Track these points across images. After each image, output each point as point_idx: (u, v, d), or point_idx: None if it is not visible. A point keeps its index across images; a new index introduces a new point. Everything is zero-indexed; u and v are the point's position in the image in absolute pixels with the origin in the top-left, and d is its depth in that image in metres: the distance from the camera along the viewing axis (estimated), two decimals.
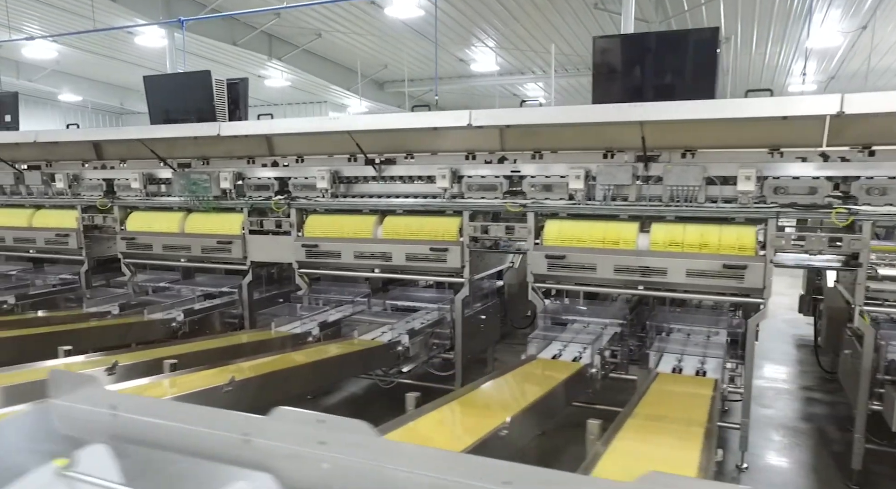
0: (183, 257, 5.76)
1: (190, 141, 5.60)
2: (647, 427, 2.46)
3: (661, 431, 2.42)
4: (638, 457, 2.13)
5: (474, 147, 4.71)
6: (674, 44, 4.01)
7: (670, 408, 2.79)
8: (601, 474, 1.84)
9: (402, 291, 5.57)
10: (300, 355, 3.70)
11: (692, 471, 1.97)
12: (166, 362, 3.00)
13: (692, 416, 2.61)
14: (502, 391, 3.04)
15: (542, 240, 4.47)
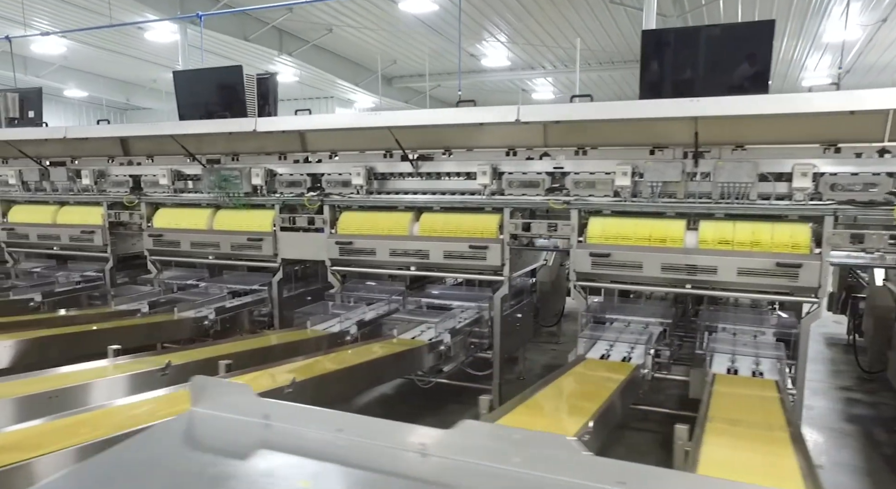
0: (211, 254, 5.68)
1: (220, 136, 5.51)
2: (730, 431, 2.39)
3: (746, 436, 2.35)
4: (735, 464, 2.05)
5: (516, 143, 4.63)
6: (728, 37, 3.92)
7: (744, 411, 2.71)
8: None
9: (438, 289, 5.48)
10: (348, 355, 3.62)
11: (796, 477, 1.89)
12: (221, 363, 2.93)
13: (771, 420, 2.54)
14: (568, 394, 2.97)
15: (586, 237, 4.39)
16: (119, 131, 5.76)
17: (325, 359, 3.42)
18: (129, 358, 3.25)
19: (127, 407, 2.44)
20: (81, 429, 2.14)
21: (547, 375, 3.29)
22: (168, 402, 2.50)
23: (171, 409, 2.39)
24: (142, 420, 2.23)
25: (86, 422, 2.22)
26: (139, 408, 2.42)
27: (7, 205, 6.64)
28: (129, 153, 6.11)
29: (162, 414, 2.31)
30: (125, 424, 2.19)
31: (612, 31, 15.77)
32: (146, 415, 2.34)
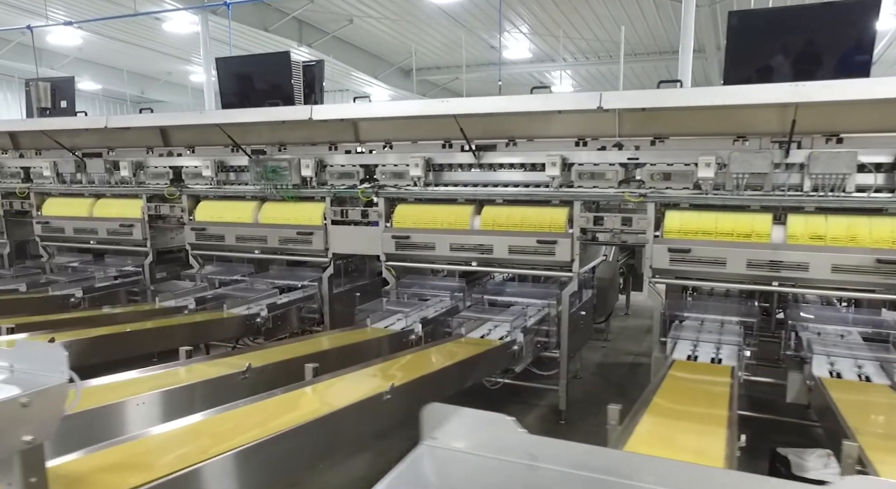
0: (257, 249, 5.48)
1: (266, 126, 5.31)
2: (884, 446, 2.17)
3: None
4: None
5: (586, 132, 4.40)
6: (826, 17, 3.67)
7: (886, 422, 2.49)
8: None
9: (496, 285, 5.27)
10: (432, 357, 3.42)
11: None
12: (308, 366, 2.72)
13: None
14: (686, 400, 2.75)
15: (662, 232, 4.17)
16: (162, 120, 5.55)
17: (411, 362, 3.22)
18: (203, 360, 3.05)
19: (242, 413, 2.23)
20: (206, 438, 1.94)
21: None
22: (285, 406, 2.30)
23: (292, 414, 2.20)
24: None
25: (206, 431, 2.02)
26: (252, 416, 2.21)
27: (41, 197, 6.45)
28: (170, 144, 5.91)
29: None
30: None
31: (638, 21, 15.47)
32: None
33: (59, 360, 1.30)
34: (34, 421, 1.22)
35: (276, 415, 2.18)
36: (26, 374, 1.32)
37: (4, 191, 6.56)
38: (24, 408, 1.20)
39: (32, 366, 1.33)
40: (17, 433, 1.19)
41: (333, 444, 2.22)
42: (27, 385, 1.25)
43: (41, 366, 1.32)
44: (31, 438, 1.22)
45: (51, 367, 1.30)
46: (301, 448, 2.04)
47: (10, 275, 6.14)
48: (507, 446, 1.13)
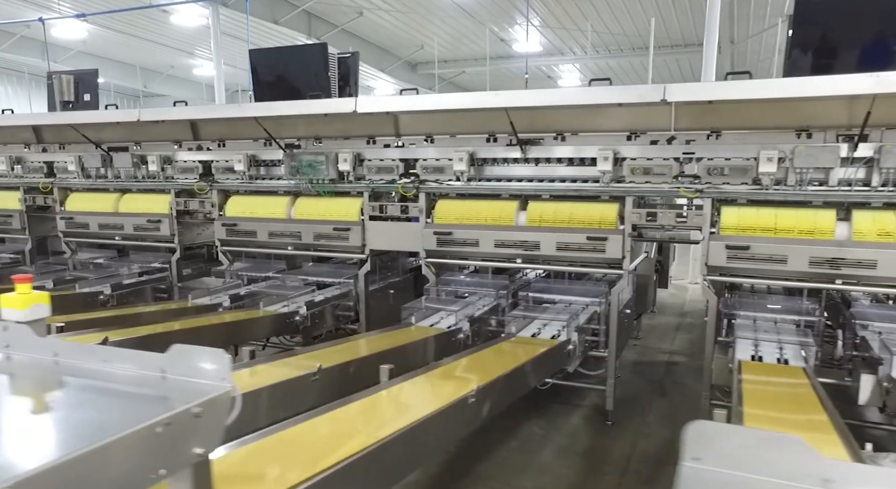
0: (290, 245, 5.36)
1: (301, 119, 5.18)
2: None
3: None
4: None
5: (639, 126, 4.28)
6: None
7: None
8: None
9: (542, 283, 5.15)
10: (492, 357, 3.31)
11: None
12: (383, 368, 2.60)
13: None
14: (778, 406, 2.65)
15: (719, 229, 4.07)
16: (196, 113, 5.40)
17: (477, 362, 3.12)
18: (268, 361, 2.94)
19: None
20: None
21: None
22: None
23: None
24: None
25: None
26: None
27: (64, 193, 6.31)
28: (199, 137, 5.77)
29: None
30: None
31: (651, 14, 15.30)
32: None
33: (220, 367, 1.19)
34: (204, 432, 1.11)
35: (369, 420, 2.07)
36: (181, 382, 1.21)
37: (27, 186, 6.42)
38: (197, 419, 1.09)
39: (186, 372, 1.22)
40: (189, 445, 1.09)
41: (429, 451, 2.11)
42: (188, 393, 1.14)
43: (193, 372, 1.21)
44: (202, 451, 1.11)
45: (208, 374, 1.19)
46: (405, 455, 1.93)
47: (34, 272, 6.00)
48: (796, 470, 1.02)
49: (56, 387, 1.28)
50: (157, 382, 1.23)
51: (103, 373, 1.29)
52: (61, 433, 1.01)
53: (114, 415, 1.09)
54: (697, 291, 9.49)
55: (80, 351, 1.34)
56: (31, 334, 1.39)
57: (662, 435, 4.39)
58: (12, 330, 1.39)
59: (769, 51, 17.78)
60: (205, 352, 1.22)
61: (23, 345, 1.38)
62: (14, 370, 1.36)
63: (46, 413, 1.12)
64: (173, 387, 1.20)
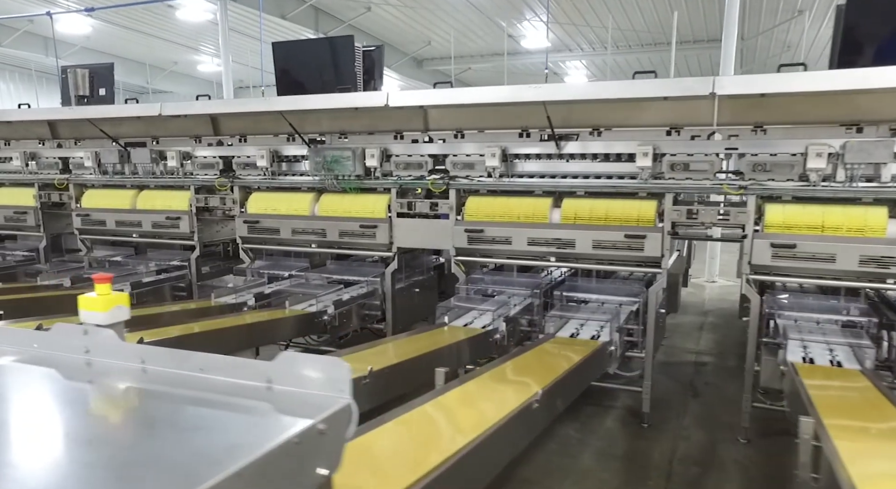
0: (314, 242, 5.25)
1: (327, 114, 5.06)
2: None
3: None
4: None
5: (679, 121, 4.17)
6: None
7: None
8: None
9: (575, 282, 5.04)
10: (541, 358, 3.21)
11: None
12: (439, 371, 2.49)
13: None
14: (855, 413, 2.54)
15: (763, 226, 3.96)
16: (217, 107, 5.28)
17: (526, 364, 3.01)
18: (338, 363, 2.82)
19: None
20: None
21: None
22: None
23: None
24: None
25: None
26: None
27: (80, 189, 6.19)
28: (220, 132, 5.65)
29: None
30: None
31: (663, 9, 15.19)
32: None
33: (338, 377, 1.08)
34: (327, 450, 1.01)
35: (442, 427, 1.96)
36: (290, 393, 1.10)
37: (41, 182, 6.30)
38: (321, 437, 0.99)
39: (295, 382, 1.11)
40: (314, 465, 0.98)
41: (503, 460, 2.00)
42: (304, 407, 1.03)
43: (304, 383, 1.10)
44: (326, 472, 1.01)
45: (321, 385, 1.08)
46: (483, 465, 1.83)
47: (49, 271, 5.88)
48: None
49: (154, 399, 1.16)
50: (263, 394, 1.12)
51: (200, 382, 1.18)
52: (182, 455, 0.90)
53: (231, 433, 0.98)
54: (716, 290, 9.41)
55: (171, 357, 1.23)
56: (115, 339, 1.28)
57: (701, 438, 4.29)
58: (93, 334, 1.27)
59: (779, 46, 17.71)
60: (318, 360, 1.10)
61: (106, 351, 1.27)
62: (100, 379, 1.25)
63: (154, 430, 1.00)
64: (283, 400, 1.09)
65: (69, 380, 1.25)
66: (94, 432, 1.02)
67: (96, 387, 1.23)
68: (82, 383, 1.26)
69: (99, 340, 1.27)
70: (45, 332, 1.35)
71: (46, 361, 1.30)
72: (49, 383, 1.23)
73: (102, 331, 1.29)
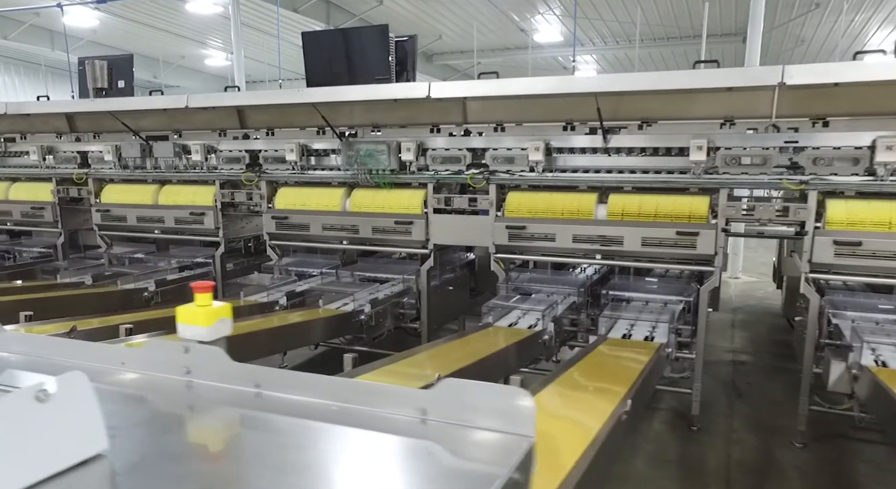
0: (345, 239, 5.08)
1: (360, 106, 4.89)
2: None
3: None
4: None
5: (734, 113, 4.00)
6: None
7: None
8: None
9: (626, 281, 4.87)
10: (607, 362, 3.05)
11: None
12: (514, 378, 2.33)
13: None
14: None
15: (824, 223, 3.79)
16: (246, 99, 5.10)
17: (594, 368, 2.85)
18: (372, 369, 2.66)
19: None
20: None
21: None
22: None
23: None
24: None
25: None
26: None
27: (99, 184, 6.02)
28: (246, 125, 5.47)
29: None
30: None
31: (678, 3, 14.99)
32: None
33: (517, 409, 0.90)
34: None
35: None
36: (452, 428, 0.92)
37: (59, 177, 6.13)
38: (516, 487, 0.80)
39: (458, 415, 0.93)
40: None
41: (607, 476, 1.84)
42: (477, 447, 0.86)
43: (471, 415, 0.91)
44: None
45: (493, 419, 0.89)
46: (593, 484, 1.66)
47: (68, 268, 5.72)
48: None
49: (274, 433, 0.97)
50: (416, 429, 0.94)
51: (329, 412, 1.00)
52: None
53: (400, 484, 0.80)
54: (740, 286, 9.23)
55: (292, 381, 1.06)
56: (223, 357, 1.11)
57: (754, 442, 4.13)
58: (195, 352, 1.10)
59: (792, 41, 17.49)
60: (488, 388, 0.92)
61: (211, 372, 1.10)
62: (208, 407, 1.07)
63: (280, 478, 0.81)
64: (447, 436, 0.90)
65: (167, 407, 1.08)
66: (201, 478, 0.83)
67: (201, 416, 1.06)
68: (182, 410, 1.09)
69: (202, 359, 1.10)
70: (135, 349, 1.18)
71: (137, 384, 1.13)
72: (141, 410, 1.06)
73: (206, 348, 1.12)
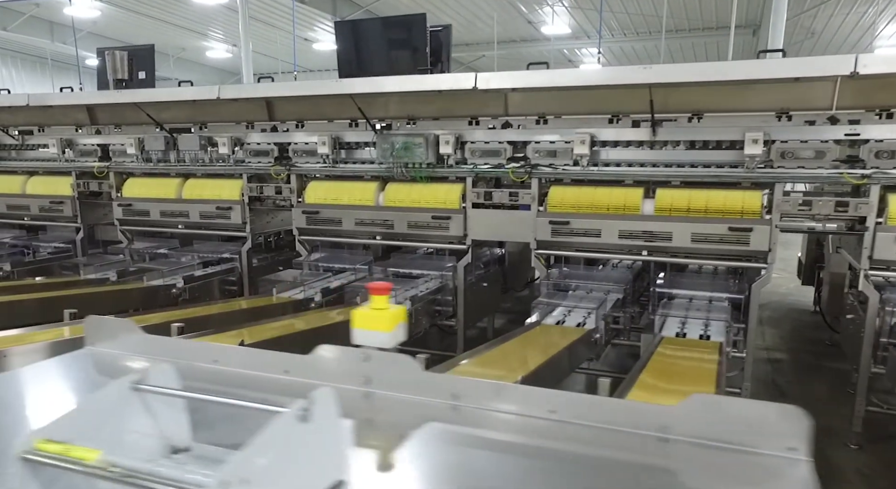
0: (378, 234, 4.95)
1: (395, 97, 4.75)
2: None
3: None
4: None
5: (791, 105, 3.88)
6: None
7: None
8: None
9: (671, 277, 4.76)
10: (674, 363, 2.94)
11: None
12: (602, 381, 2.21)
13: None
14: None
15: (886, 218, 3.69)
16: (281, 90, 4.89)
17: (667, 376, 2.75)
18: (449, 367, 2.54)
19: None
20: None
21: None
22: None
23: None
24: None
25: None
26: None
27: (120, 177, 5.87)
28: (275, 118, 5.33)
29: None
30: None
31: None
32: None
33: (786, 427, 0.78)
34: None
35: None
36: (700, 447, 0.80)
37: (79, 170, 5.97)
38: None
39: (707, 430, 0.81)
40: None
41: None
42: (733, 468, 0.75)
43: (722, 431, 0.80)
44: None
45: (752, 437, 0.78)
46: None
47: (92, 264, 5.57)
48: None
49: (501, 450, 0.86)
50: (655, 448, 0.83)
51: (549, 428, 0.88)
52: None
53: None
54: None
55: (495, 392, 0.94)
56: (413, 366, 0.98)
57: None
58: (377, 361, 0.98)
59: (802, 33, 17.37)
60: (748, 405, 0.81)
61: (397, 382, 0.98)
62: (386, 418, 0.96)
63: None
64: (690, 458, 0.80)
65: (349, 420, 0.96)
66: None
67: (379, 433, 0.94)
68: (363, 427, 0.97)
69: (387, 369, 0.98)
70: (300, 356, 1.06)
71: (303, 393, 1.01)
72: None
73: (393, 356, 1.00)
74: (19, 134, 6.35)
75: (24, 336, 3.07)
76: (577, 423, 0.87)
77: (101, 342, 1.41)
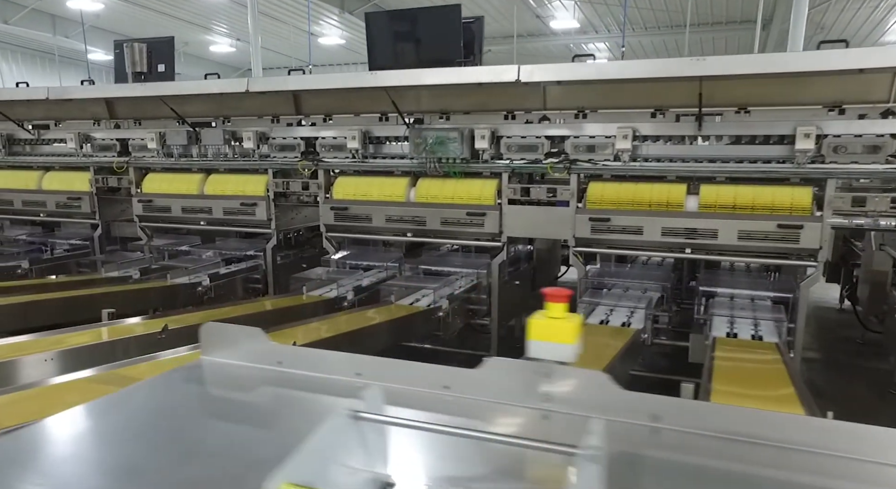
0: (409, 231, 4.84)
1: (426, 91, 4.63)
2: None
3: None
4: None
5: (844, 98, 3.77)
6: None
7: None
8: None
9: (715, 275, 4.66)
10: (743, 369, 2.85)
11: None
12: (686, 385, 2.12)
13: None
14: None
15: None
16: (312, 83, 4.76)
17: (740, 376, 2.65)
18: None
19: None
20: None
21: None
22: None
23: None
24: None
25: None
26: None
27: (139, 173, 5.74)
28: (302, 111, 5.21)
29: None
30: None
31: None
32: None
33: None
34: None
35: None
36: None
37: (97, 165, 5.84)
38: None
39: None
40: None
41: None
42: None
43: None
44: None
45: None
46: None
47: (113, 261, 5.45)
48: None
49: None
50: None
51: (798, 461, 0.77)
52: None
53: None
54: None
55: (697, 411, 0.83)
56: (608, 384, 0.87)
57: None
58: (559, 376, 0.87)
59: (812, 28, 17.26)
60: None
61: (579, 401, 0.87)
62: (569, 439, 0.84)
63: None
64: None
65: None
66: None
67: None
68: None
69: (566, 388, 0.87)
70: (464, 370, 0.94)
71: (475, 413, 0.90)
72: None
73: (577, 373, 0.89)
74: (34, 128, 6.21)
75: (64, 338, 2.96)
76: (818, 452, 0.76)
77: (217, 352, 1.31)
